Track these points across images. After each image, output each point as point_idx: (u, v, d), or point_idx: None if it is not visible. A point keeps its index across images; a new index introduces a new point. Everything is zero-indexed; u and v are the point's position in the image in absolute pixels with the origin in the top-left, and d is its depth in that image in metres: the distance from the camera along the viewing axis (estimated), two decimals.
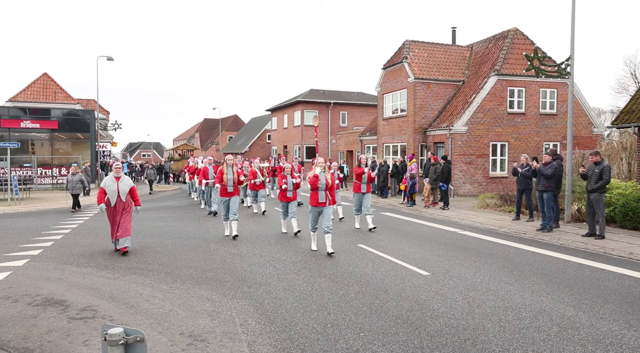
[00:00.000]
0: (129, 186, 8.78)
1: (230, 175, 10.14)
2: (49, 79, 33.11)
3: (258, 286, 6.40)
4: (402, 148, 23.45)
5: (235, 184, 10.20)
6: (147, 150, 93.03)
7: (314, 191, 8.63)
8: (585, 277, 6.88)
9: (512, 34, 22.54)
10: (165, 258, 8.27)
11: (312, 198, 8.68)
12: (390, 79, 24.46)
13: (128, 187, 8.75)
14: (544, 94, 21.91)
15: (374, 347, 4.36)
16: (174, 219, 13.85)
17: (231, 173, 10.19)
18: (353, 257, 8.26)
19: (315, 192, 8.61)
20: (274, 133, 43.43)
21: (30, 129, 27.44)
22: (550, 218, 10.81)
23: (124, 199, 8.64)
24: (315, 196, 8.61)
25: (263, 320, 5.11)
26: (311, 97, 36.97)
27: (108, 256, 8.51)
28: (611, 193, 11.23)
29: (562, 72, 12.93)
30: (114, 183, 8.62)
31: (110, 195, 8.59)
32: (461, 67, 24.04)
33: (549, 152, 11.16)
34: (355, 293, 6.04)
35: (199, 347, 4.41)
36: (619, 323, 4.96)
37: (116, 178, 8.67)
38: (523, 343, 4.44)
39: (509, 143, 21.49)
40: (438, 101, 22.86)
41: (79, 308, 5.55)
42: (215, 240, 10.09)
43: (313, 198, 8.66)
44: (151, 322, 5.06)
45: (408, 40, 24.08)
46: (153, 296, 6.03)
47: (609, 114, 40.21)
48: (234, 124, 66.84)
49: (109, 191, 8.58)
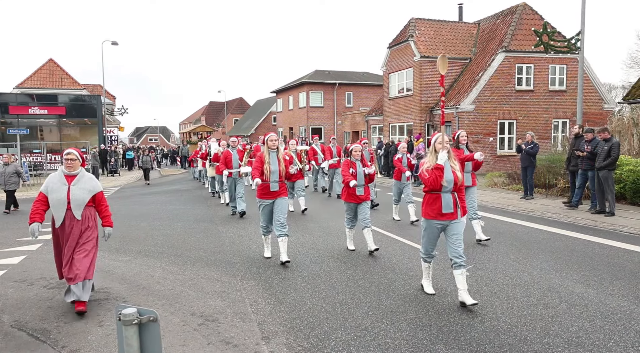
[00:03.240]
0: (90, 191, 5.02)
1: (275, 165, 6.61)
2: (55, 65, 33.09)
3: (267, 267, 6.48)
4: (409, 128, 23.30)
5: (283, 178, 6.72)
6: (154, 134, 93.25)
7: None
8: (595, 254, 6.87)
9: (521, 9, 22.09)
10: (175, 241, 8.36)
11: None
12: (396, 58, 24.17)
13: (89, 194, 5.00)
14: (553, 70, 21.56)
15: (383, 325, 4.42)
16: (182, 202, 13.96)
17: (276, 161, 6.64)
18: (361, 237, 8.29)
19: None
20: (279, 115, 43.30)
21: (39, 116, 27.60)
22: None
23: (78, 216, 4.92)
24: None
25: (272, 300, 5.18)
26: (316, 78, 36.69)
27: (119, 239, 8.62)
28: (621, 169, 11.12)
29: (572, 47, 12.70)
30: (62, 186, 4.95)
31: (54, 208, 4.94)
32: (468, 44, 23.67)
33: (587, 129, 10.39)
34: (364, 273, 6.09)
35: (210, 326, 4.49)
36: (628, 298, 4.97)
37: (67, 178, 5.00)
38: (531, 319, 4.47)
39: (517, 121, 21.26)
40: (445, 80, 22.59)
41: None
42: (223, 222, 10.17)
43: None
44: (163, 303, 5.15)
45: (414, 18, 23.70)
46: (164, 278, 6.12)
47: (620, 89, 39.47)
48: (239, 106, 66.66)
49: (53, 201, 4.93)
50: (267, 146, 6.70)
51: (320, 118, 36.62)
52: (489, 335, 4.15)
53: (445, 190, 4.87)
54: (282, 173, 6.64)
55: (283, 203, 6.65)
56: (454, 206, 4.90)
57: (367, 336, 4.18)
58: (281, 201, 6.64)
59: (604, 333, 4.13)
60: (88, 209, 5.05)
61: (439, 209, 4.89)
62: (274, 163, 6.60)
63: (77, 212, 4.95)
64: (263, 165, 6.57)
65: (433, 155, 4.92)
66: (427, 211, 5.00)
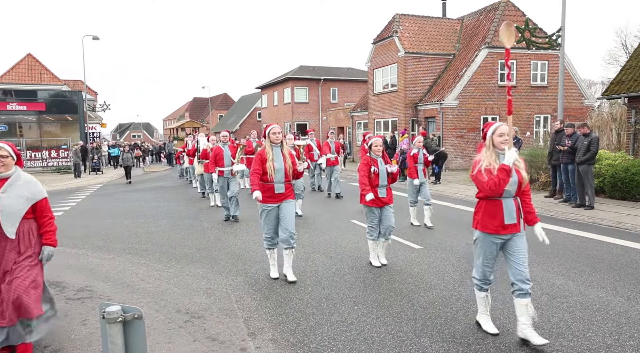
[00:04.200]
0: (29, 199, 3.74)
1: (280, 162, 5.53)
2: (34, 60, 32.37)
3: (253, 264, 6.47)
4: (394, 123, 23.42)
5: (290, 177, 5.66)
6: (137, 131, 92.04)
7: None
8: (575, 247, 7.02)
9: (503, 5, 22.32)
10: (160, 238, 8.30)
11: None
12: (381, 54, 24.23)
13: (26, 202, 3.73)
14: (534, 66, 21.86)
15: (368, 319, 4.45)
16: (167, 199, 13.84)
17: (281, 157, 5.57)
18: (346, 233, 8.33)
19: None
20: (264, 111, 43.10)
21: (17, 112, 27.01)
22: None
23: (11, 235, 3.66)
24: None
25: (258, 296, 5.18)
26: (301, 74, 36.59)
27: (102, 237, 8.51)
28: (600, 163, 11.35)
29: (553, 43, 12.89)
30: None
31: None
32: (452, 40, 23.84)
33: (568, 124, 10.58)
34: (349, 268, 6.12)
35: (196, 323, 4.48)
36: (606, 289, 5.10)
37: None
38: (513, 312, 4.54)
39: (500, 116, 21.52)
40: (429, 75, 22.74)
41: (76, 289, 5.58)
42: (208, 219, 10.11)
43: None
44: (148, 301, 5.12)
45: (398, 13, 23.78)
46: (149, 275, 6.07)
47: (599, 85, 40.24)
48: (223, 102, 66.16)
49: None
50: (269, 139, 5.59)
51: (305, 114, 36.57)
52: (472, 327, 4.22)
53: (507, 195, 3.87)
54: (288, 171, 5.57)
55: (290, 207, 5.60)
56: (517, 215, 3.91)
57: (352, 330, 4.22)
58: (288, 205, 5.59)
59: (584, 324, 4.23)
60: (27, 224, 3.75)
61: (500, 221, 3.88)
62: (278, 159, 5.53)
63: (10, 228, 3.62)
64: (264, 164, 5.46)
65: (491, 151, 3.89)
66: (485, 222, 3.93)
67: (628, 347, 3.78)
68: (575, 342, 3.89)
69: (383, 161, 6.09)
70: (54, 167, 26.87)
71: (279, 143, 5.63)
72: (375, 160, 6.03)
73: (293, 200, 5.70)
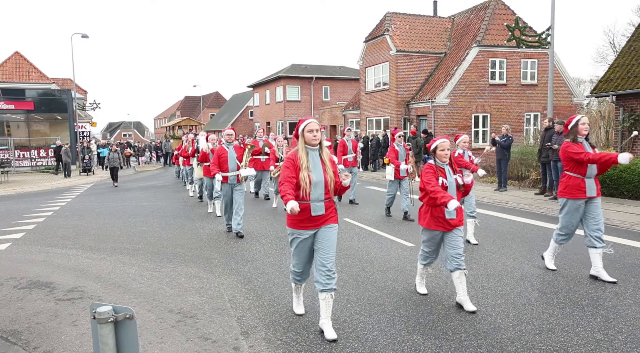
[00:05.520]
0: None
1: (319, 172, 4.02)
2: (22, 58, 31.98)
3: (245, 263, 6.45)
4: (386, 122, 23.47)
5: (331, 194, 4.18)
6: (128, 130, 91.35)
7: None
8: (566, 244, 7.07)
9: (494, 4, 22.43)
10: (151, 238, 8.25)
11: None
12: (372, 52, 24.26)
13: None
14: (524, 64, 22.00)
15: (361, 317, 4.47)
16: (159, 198, 13.76)
17: (320, 166, 4.07)
18: (339, 231, 8.32)
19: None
20: (256, 110, 42.99)
21: (5, 111, 26.70)
22: None
23: None
24: None
25: (251, 295, 5.17)
26: (293, 72, 36.53)
27: (93, 237, 8.44)
28: None
29: (543, 42, 12.99)
30: None
31: None
32: (443, 38, 23.92)
33: (558, 122, 10.64)
34: (342, 266, 6.13)
35: (188, 323, 4.46)
36: (595, 285, 5.16)
37: None
38: (505, 308, 4.59)
39: (491, 115, 21.66)
40: (420, 74, 22.81)
41: (66, 289, 5.53)
42: (200, 218, 10.07)
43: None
44: (139, 301, 5.09)
45: (389, 12, 23.81)
46: (140, 275, 6.04)
47: (588, 83, 40.60)
48: (215, 101, 65.84)
49: None
50: (303, 140, 4.05)
51: (297, 112, 36.51)
52: (464, 324, 4.24)
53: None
54: (329, 185, 4.05)
55: (331, 236, 4.11)
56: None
57: (345, 328, 4.23)
58: (328, 232, 4.11)
59: (573, 319, 4.28)
60: None
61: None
62: (316, 168, 4.01)
63: None
64: (298, 173, 3.95)
65: None
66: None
67: (616, 341, 3.83)
68: (565, 337, 3.94)
69: (452, 171, 4.68)
70: (43, 167, 26.61)
71: (317, 146, 4.07)
72: (442, 169, 4.60)
73: (335, 225, 4.19)
